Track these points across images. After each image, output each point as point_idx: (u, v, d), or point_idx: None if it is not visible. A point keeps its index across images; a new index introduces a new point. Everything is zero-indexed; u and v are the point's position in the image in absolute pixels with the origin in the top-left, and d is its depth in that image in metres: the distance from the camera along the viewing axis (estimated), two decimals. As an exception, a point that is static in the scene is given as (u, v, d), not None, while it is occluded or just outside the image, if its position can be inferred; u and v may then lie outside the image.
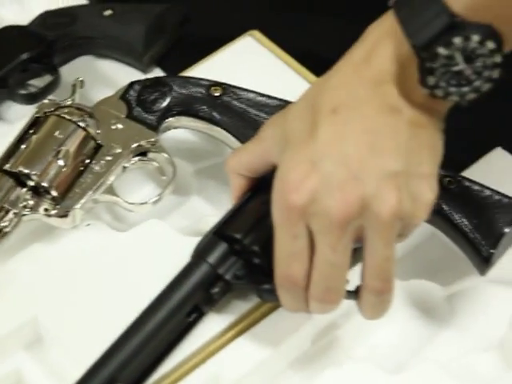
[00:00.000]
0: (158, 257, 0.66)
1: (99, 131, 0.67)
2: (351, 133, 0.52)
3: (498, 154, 0.70)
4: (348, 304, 0.61)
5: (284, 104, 0.69)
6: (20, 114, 0.72)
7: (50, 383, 0.62)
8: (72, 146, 0.66)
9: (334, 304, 0.55)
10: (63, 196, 0.65)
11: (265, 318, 0.63)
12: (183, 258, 0.65)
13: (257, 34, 0.77)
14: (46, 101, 0.69)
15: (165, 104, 0.68)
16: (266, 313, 0.63)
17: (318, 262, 0.54)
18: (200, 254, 0.60)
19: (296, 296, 0.55)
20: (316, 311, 0.56)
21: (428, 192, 0.53)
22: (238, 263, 0.59)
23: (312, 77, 0.73)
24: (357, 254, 0.54)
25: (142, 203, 0.67)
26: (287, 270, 0.55)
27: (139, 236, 0.67)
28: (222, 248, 0.59)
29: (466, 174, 0.68)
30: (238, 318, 0.63)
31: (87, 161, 0.66)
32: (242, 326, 0.63)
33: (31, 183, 0.65)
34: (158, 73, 0.77)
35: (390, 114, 0.53)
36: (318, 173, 0.52)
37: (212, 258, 0.60)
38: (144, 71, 0.76)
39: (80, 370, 0.60)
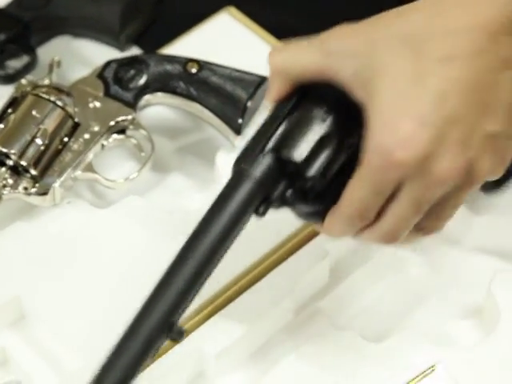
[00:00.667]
0: (138, 232, 0.65)
1: (77, 110, 0.67)
2: (463, 89, 0.48)
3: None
4: (331, 274, 0.62)
5: (260, 79, 0.69)
6: (-2, 95, 0.73)
7: (36, 360, 0.62)
8: (50, 124, 0.65)
9: (388, 243, 0.53)
10: (42, 174, 0.65)
11: (245, 291, 0.63)
12: (163, 233, 0.66)
13: (232, 10, 0.76)
14: (23, 80, 0.69)
15: (142, 81, 0.68)
16: (246, 287, 0.63)
17: (394, 214, 0.51)
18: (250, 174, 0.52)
19: (353, 228, 0.52)
20: (366, 240, 0.54)
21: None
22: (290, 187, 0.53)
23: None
24: None
25: (121, 180, 0.67)
26: (358, 212, 0.51)
27: (119, 212, 0.66)
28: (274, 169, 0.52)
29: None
30: (215, 293, 0.63)
31: (65, 139, 0.66)
32: (220, 301, 0.62)
33: (10, 162, 0.64)
34: (135, 51, 0.76)
35: (502, 70, 0.49)
36: (428, 130, 0.48)
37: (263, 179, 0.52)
38: (121, 49, 0.75)
39: (65, 346, 0.60)
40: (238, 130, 0.68)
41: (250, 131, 0.69)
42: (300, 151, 0.51)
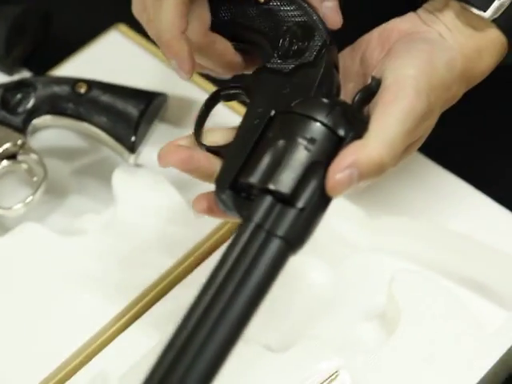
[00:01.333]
0: (35, 259, 0.63)
1: None
2: None
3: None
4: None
5: (153, 95, 0.68)
6: None
7: None
8: None
9: None
10: None
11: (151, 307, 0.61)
12: (62, 257, 0.64)
13: (122, 27, 0.74)
14: None
15: (30, 105, 0.66)
16: (153, 302, 0.62)
17: None
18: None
19: None
20: None
21: None
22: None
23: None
24: None
25: (16, 206, 0.64)
26: None
27: (14, 240, 0.64)
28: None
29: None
30: (121, 311, 0.61)
31: None
32: (125, 320, 0.61)
33: None
34: (24, 73, 0.74)
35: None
36: None
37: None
38: (9, 73, 0.73)
39: None
40: (131, 148, 0.66)
41: (145, 149, 0.68)
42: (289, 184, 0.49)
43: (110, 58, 0.73)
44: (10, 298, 0.61)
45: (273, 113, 0.52)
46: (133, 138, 0.66)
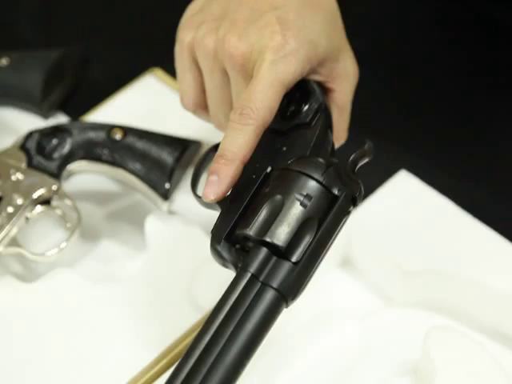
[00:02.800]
0: (65, 306, 0.61)
1: None
2: None
3: (402, 177, 0.67)
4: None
5: (188, 142, 0.66)
6: None
7: None
8: None
9: None
10: None
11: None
12: (95, 303, 0.62)
13: (158, 71, 0.73)
14: None
15: (65, 150, 0.64)
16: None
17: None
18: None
19: None
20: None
21: None
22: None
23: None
24: None
25: (49, 252, 0.62)
26: None
27: (45, 286, 0.62)
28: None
29: (374, 197, 0.66)
30: (171, 344, 0.59)
31: None
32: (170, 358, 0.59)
33: None
34: (60, 117, 0.73)
35: None
36: None
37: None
38: (45, 117, 0.71)
39: None
40: (165, 195, 0.64)
41: (178, 196, 0.66)
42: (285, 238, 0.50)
43: (145, 103, 0.71)
44: (40, 345, 0.59)
45: (269, 169, 0.54)
46: (167, 185, 0.64)
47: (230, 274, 0.59)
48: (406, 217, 0.64)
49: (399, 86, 0.76)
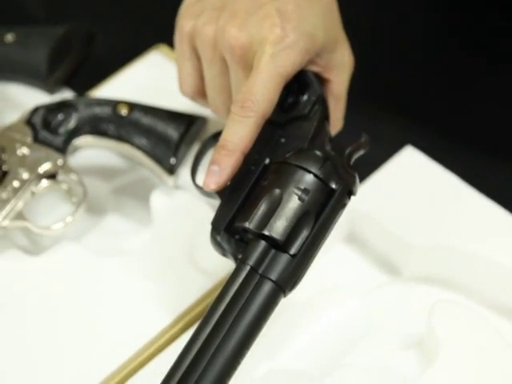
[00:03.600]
0: (71, 279, 0.61)
1: (5, 157, 0.62)
2: None
3: (408, 152, 0.66)
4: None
5: (193, 118, 0.66)
6: None
7: None
8: None
9: None
10: None
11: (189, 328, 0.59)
12: (99, 277, 0.63)
13: (164, 47, 0.72)
14: None
15: (71, 126, 0.64)
16: (191, 323, 0.60)
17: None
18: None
19: None
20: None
21: None
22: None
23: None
24: None
25: (55, 226, 0.62)
26: None
27: (51, 259, 0.63)
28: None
29: (379, 173, 0.66)
30: (184, 311, 0.60)
31: None
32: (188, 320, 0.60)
33: None
34: (66, 92, 0.72)
35: None
36: None
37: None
38: (50, 92, 0.71)
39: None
40: (170, 170, 0.63)
41: (183, 171, 0.66)
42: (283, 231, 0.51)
43: (151, 79, 0.71)
44: (47, 317, 0.60)
45: (267, 161, 0.54)
46: (172, 161, 0.63)
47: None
48: (411, 192, 0.64)
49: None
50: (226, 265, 0.61)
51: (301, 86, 0.57)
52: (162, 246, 0.64)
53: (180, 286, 0.62)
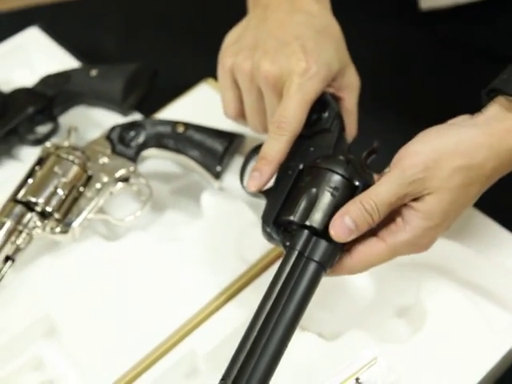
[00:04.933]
0: (141, 260, 0.71)
1: (90, 165, 0.72)
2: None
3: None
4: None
5: (235, 135, 0.75)
6: (29, 155, 0.77)
7: (65, 364, 0.67)
8: (69, 178, 0.70)
9: None
10: (64, 217, 0.70)
11: (234, 297, 0.68)
12: (163, 258, 0.70)
13: (211, 81, 0.81)
14: (47, 143, 0.74)
15: (140, 140, 0.74)
16: (234, 293, 0.69)
17: None
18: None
19: None
20: None
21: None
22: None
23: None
24: None
25: (128, 218, 0.72)
26: None
27: (124, 244, 0.72)
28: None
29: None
30: (226, 286, 0.68)
31: (81, 189, 0.71)
32: (229, 293, 0.68)
33: (38, 209, 0.69)
34: (136, 115, 0.81)
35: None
36: None
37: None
38: (125, 115, 0.80)
39: (89, 354, 0.65)
40: (217, 176, 0.74)
41: (227, 176, 0.75)
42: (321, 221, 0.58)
43: (200, 105, 0.80)
44: (124, 289, 0.69)
45: (301, 166, 0.62)
46: (218, 168, 0.74)
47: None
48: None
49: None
50: (258, 251, 0.70)
51: (321, 105, 0.65)
52: (210, 235, 0.73)
53: (224, 266, 0.70)
